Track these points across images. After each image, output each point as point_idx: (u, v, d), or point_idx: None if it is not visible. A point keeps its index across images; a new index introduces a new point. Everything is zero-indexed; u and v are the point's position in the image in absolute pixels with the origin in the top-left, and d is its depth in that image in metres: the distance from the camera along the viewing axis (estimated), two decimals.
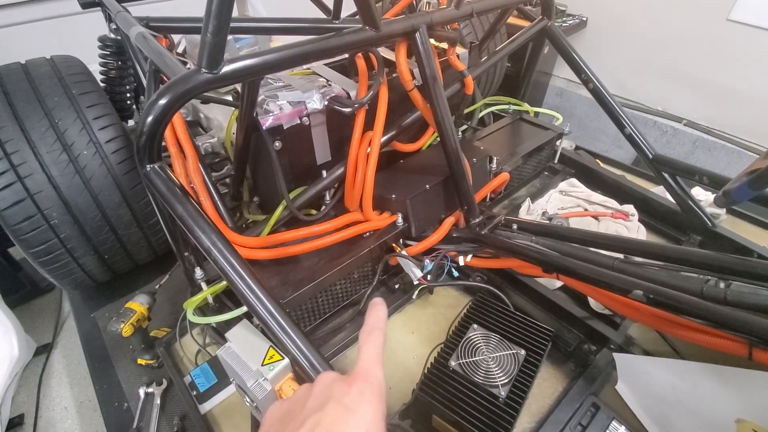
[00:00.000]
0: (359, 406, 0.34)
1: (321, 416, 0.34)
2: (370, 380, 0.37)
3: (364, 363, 0.39)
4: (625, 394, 0.96)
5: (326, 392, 0.36)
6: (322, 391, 0.37)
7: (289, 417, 0.36)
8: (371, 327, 0.44)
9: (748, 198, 0.82)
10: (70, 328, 1.63)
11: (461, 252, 1.18)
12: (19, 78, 1.07)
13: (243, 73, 0.78)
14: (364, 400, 0.35)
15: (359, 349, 0.42)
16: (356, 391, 0.36)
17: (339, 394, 0.35)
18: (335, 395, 0.35)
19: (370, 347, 0.41)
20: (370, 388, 0.36)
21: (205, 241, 0.75)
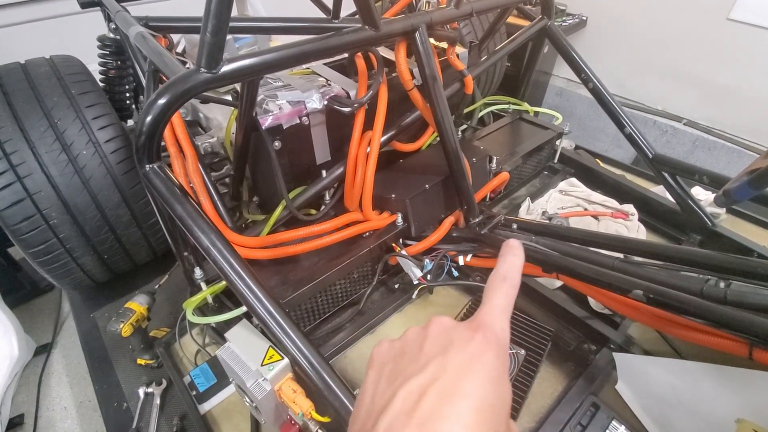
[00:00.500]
0: (484, 355, 0.30)
1: (445, 361, 0.30)
2: (495, 330, 0.32)
3: (490, 310, 0.34)
4: (625, 393, 0.96)
5: (446, 336, 0.32)
6: (441, 334, 0.32)
7: (406, 359, 0.32)
8: (504, 274, 0.37)
9: (748, 197, 0.82)
10: (70, 328, 1.63)
11: (461, 252, 1.18)
12: (18, 78, 1.07)
13: (242, 73, 0.78)
14: (489, 349, 0.30)
15: (485, 295, 0.35)
16: (481, 339, 0.31)
17: (461, 340, 0.31)
18: (456, 341, 0.31)
19: (501, 296, 0.35)
20: (496, 338, 0.31)
21: (204, 241, 0.74)
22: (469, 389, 0.28)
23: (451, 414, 0.27)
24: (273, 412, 0.82)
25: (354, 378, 1.05)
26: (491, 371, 0.29)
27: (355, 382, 1.03)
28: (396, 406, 0.28)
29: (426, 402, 0.28)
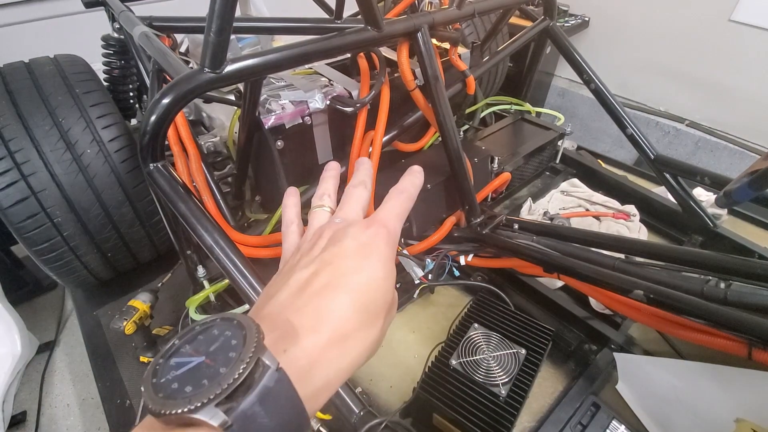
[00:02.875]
0: (375, 242, 0.33)
1: (339, 249, 0.33)
2: (388, 225, 0.36)
3: (385, 212, 0.38)
4: (626, 393, 0.96)
5: (342, 230, 0.35)
6: (338, 229, 0.36)
7: (302, 252, 0.35)
8: (403, 188, 0.42)
9: (748, 198, 0.82)
10: (73, 326, 1.63)
11: (462, 251, 1.19)
12: (22, 76, 1.08)
13: (245, 73, 0.78)
14: (381, 238, 0.34)
15: (384, 202, 0.40)
16: (373, 230, 0.35)
17: (356, 231, 0.34)
18: (351, 233, 0.34)
19: (396, 203, 0.40)
20: (387, 232, 0.35)
21: (207, 240, 0.75)
22: (361, 267, 0.31)
23: (342, 285, 0.30)
24: None
25: (355, 376, 1.05)
26: (381, 254, 0.33)
27: (356, 381, 1.04)
28: (287, 289, 0.31)
29: (318, 280, 0.30)
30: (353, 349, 0.29)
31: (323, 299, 0.29)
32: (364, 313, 0.30)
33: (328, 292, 0.30)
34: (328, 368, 0.27)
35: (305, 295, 0.30)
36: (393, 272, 0.34)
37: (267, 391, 0.24)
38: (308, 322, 0.28)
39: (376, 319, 0.31)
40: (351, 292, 0.30)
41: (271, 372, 0.24)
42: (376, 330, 0.31)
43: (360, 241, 0.33)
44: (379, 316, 0.32)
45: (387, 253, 0.34)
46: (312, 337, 0.27)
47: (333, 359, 0.28)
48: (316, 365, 0.27)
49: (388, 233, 0.35)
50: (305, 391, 0.26)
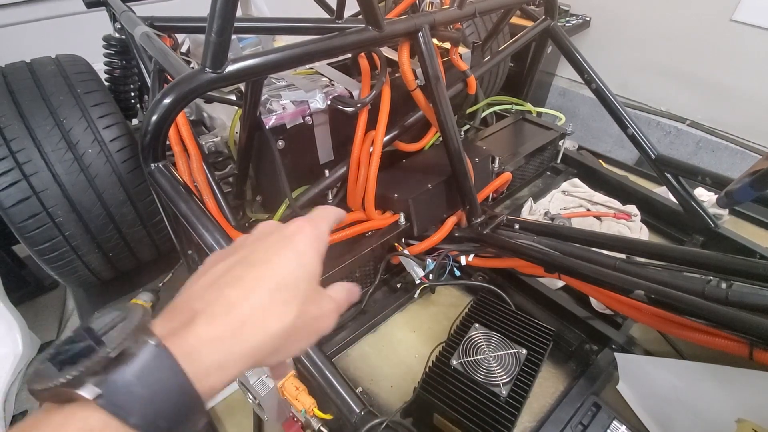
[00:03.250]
0: (297, 237, 0.35)
1: (260, 244, 0.34)
2: (314, 224, 0.37)
3: (315, 215, 0.39)
4: (627, 393, 0.96)
5: (269, 228, 0.37)
6: (265, 228, 0.37)
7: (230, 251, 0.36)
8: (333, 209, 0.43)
9: (750, 199, 0.82)
10: (74, 325, 1.64)
11: (463, 251, 1.19)
12: (24, 77, 1.08)
13: (246, 73, 0.78)
14: (304, 235, 0.35)
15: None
16: (297, 227, 0.36)
17: (281, 229, 0.36)
18: (276, 230, 0.36)
19: (327, 211, 0.41)
20: (311, 227, 0.36)
21: (208, 239, 0.75)
22: (272, 259, 0.33)
23: (249, 276, 0.31)
24: (275, 409, 0.83)
25: (356, 376, 1.05)
26: (297, 248, 0.34)
27: (357, 380, 1.04)
28: (202, 281, 0.32)
29: (231, 273, 0.32)
30: (252, 336, 0.30)
31: (227, 288, 0.31)
32: (267, 303, 0.31)
33: (234, 282, 0.31)
34: (219, 351, 0.28)
35: (215, 286, 0.31)
36: (311, 267, 0.34)
37: (144, 365, 0.25)
38: (207, 308, 0.30)
39: (284, 310, 0.32)
40: (255, 281, 0.31)
41: (151, 348, 0.26)
42: (282, 321, 0.31)
43: (282, 234, 0.35)
44: (288, 307, 0.32)
45: (304, 248, 0.34)
46: (206, 320, 0.29)
47: (226, 343, 0.29)
48: (206, 346, 0.28)
49: (311, 230, 0.36)
50: (193, 368, 0.27)
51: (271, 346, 0.31)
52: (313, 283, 0.35)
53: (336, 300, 0.38)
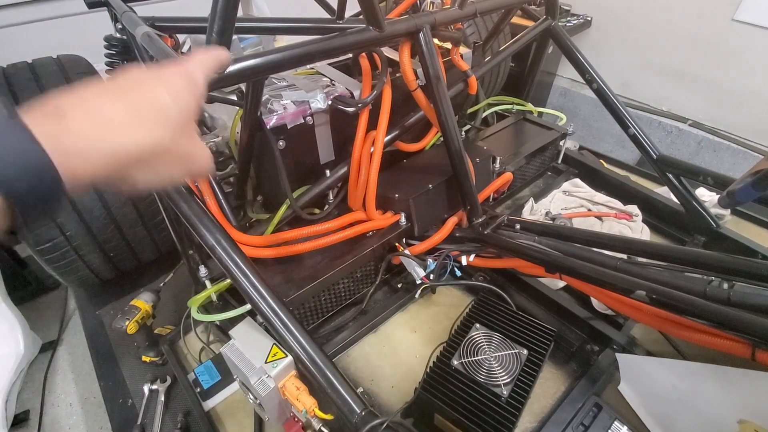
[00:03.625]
0: (171, 78, 0.37)
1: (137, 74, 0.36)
2: (188, 70, 0.39)
3: (188, 61, 0.40)
4: (628, 394, 0.96)
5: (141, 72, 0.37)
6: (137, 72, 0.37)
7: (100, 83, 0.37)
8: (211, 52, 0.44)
9: (752, 199, 0.82)
10: (76, 325, 1.64)
11: (464, 251, 1.18)
12: (26, 77, 1.08)
13: (247, 73, 0.78)
14: (178, 77, 0.37)
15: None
16: (171, 71, 0.38)
17: (153, 70, 0.37)
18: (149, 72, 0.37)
19: (203, 57, 0.42)
20: (187, 70, 0.39)
21: (209, 239, 0.75)
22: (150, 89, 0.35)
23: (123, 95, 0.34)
24: (276, 410, 0.83)
25: (356, 376, 1.05)
26: (174, 86, 0.36)
27: (357, 381, 1.04)
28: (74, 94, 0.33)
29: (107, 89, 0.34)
30: (118, 138, 0.32)
31: (97, 97, 0.33)
32: (137, 115, 0.34)
33: (105, 93, 0.34)
34: (81, 139, 0.31)
35: (85, 96, 0.33)
36: (184, 105, 0.37)
37: None
38: (74, 104, 0.32)
39: (154, 127, 0.35)
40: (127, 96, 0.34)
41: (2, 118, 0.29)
42: (152, 136, 0.34)
43: (156, 74, 0.37)
44: (159, 126, 0.35)
45: (178, 87, 0.37)
46: (71, 112, 0.31)
47: (90, 136, 0.31)
48: (68, 134, 0.30)
49: (187, 72, 0.39)
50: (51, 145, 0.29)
51: (137, 156, 0.34)
52: (187, 120, 0.38)
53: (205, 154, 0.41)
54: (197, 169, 0.40)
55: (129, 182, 0.35)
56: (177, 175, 0.39)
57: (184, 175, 0.40)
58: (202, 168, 0.41)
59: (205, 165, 0.41)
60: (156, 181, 0.37)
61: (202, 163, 0.41)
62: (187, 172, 0.40)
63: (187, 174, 0.40)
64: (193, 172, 0.40)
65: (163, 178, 0.37)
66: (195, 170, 0.40)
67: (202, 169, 0.41)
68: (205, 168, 0.41)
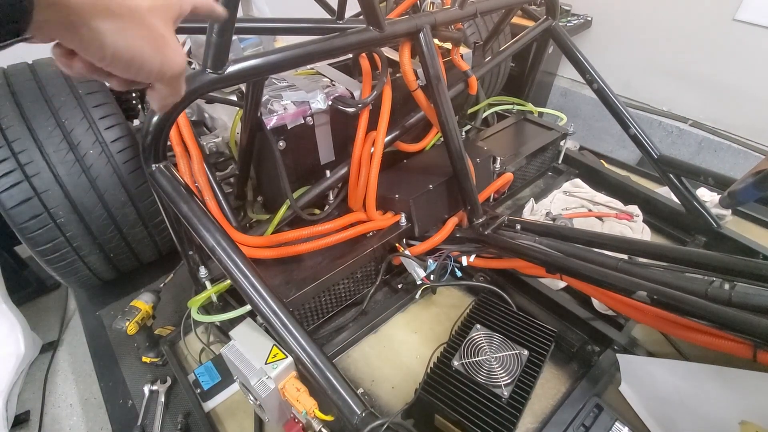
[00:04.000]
0: None
1: None
2: None
3: None
4: (629, 395, 0.96)
5: None
6: None
7: None
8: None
9: (753, 199, 0.82)
10: (76, 326, 1.64)
11: (464, 252, 1.18)
12: (26, 78, 1.08)
13: (247, 74, 0.78)
14: None
15: None
16: None
17: None
18: None
19: None
20: None
21: (209, 240, 0.75)
22: None
23: None
24: (277, 410, 0.83)
25: (357, 377, 1.05)
26: None
27: (358, 382, 1.04)
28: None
29: None
30: None
31: None
32: None
33: None
34: None
35: None
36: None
37: None
38: None
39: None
40: None
41: None
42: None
43: None
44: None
45: None
46: None
47: None
48: None
49: None
50: None
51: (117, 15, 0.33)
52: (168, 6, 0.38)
53: None
54: (169, 63, 0.38)
55: (96, 36, 0.33)
56: (148, 55, 0.36)
57: (156, 62, 0.37)
58: (174, 63, 0.39)
59: (178, 61, 0.39)
60: (123, 48, 0.35)
61: (177, 60, 0.39)
62: (159, 59, 0.37)
63: (159, 62, 0.38)
64: (164, 63, 0.38)
65: (131, 49, 0.35)
66: (167, 63, 0.38)
67: (175, 65, 0.39)
68: (178, 65, 0.39)
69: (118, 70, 0.37)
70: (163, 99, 0.42)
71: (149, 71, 0.38)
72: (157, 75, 0.38)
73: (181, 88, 0.42)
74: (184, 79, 0.42)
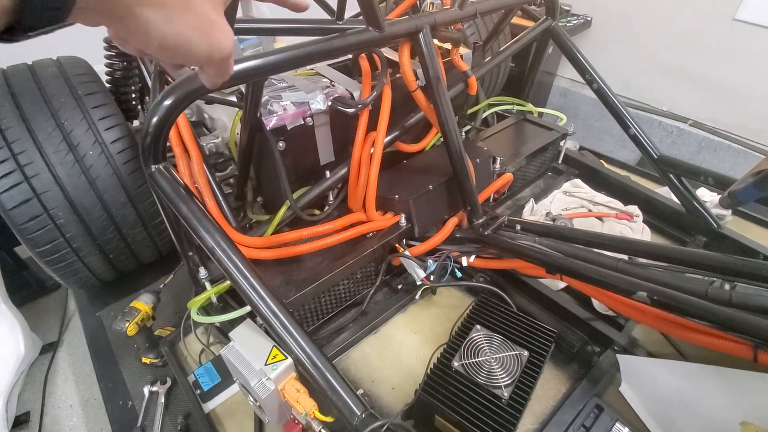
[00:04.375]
0: None
1: None
2: None
3: None
4: (629, 395, 0.96)
5: None
6: None
7: None
8: None
9: (753, 199, 0.82)
10: (76, 327, 1.64)
11: (464, 252, 1.18)
12: (25, 78, 1.08)
13: (247, 74, 0.78)
14: None
15: None
16: None
17: None
18: None
19: None
20: None
21: (209, 241, 0.75)
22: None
23: None
24: (276, 412, 0.83)
25: (357, 378, 1.05)
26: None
27: (358, 382, 1.04)
28: None
29: None
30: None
31: None
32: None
33: None
34: None
35: None
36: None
37: None
38: None
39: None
40: None
41: None
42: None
43: None
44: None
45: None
46: None
47: None
48: None
49: None
50: None
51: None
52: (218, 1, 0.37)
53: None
54: (218, 46, 0.37)
55: (141, 25, 0.32)
56: (195, 42, 0.35)
57: (204, 48, 0.36)
58: (223, 47, 0.37)
59: (226, 45, 0.37)
60: (170, 36, 0.33)
61: (225, 43, 0.37)
62: (207, 44, 0.36)
63: (207, 47, 0.36)
64: (212, 47, 0.36)
65: (178, 36, 0.34)
66: (215, 46, 0.37)
67: (224, 48, 0.37)
68: (227, 48, 0.37)
69: (165, 57, 0.35)
70: (211, 79, 0.41)
71: (198, 57, 0.36)
72: (205, 59, 0.37)
73: (229, 69, 0.41)
74: (233, 60, 0.41)
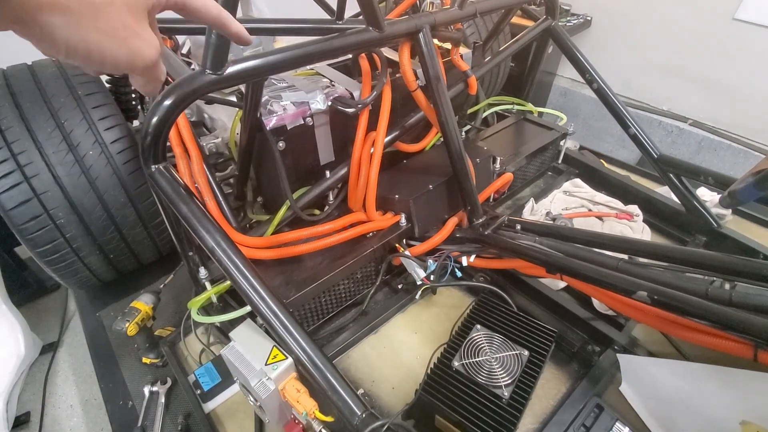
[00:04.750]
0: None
1: None
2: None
3: None
4: (629, 395, 0.96)
5: None
6: None
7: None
8: None
9: (753, 198, 0.81)
10: (76, 327, 1.64)
11: (464, 252, 1.18)
12: (25, 79, 1.08)
13: (247, 74, 0.78)
14: None
15: None
16: None
17: None
18: None
19: None
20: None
21: (209, 241, 0.75)
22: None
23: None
24: (277, 412, 0.83)
25: (357, 378, 1.05)
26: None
27: (358, 382, 1.04)
28: None
29: None
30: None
31: None
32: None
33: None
34: None
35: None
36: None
37: None
38: None
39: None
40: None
41: None
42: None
43: None
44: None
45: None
46: None
47: None
48: None
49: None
50: None
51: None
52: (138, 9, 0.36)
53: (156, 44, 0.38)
54: (139, 54, 0.36)
55: (46, 30, 0.31)
56: (107, 48, 0.35)
57: (120, 55, 0.36)
58: (144, 55, 0.37)
59: (148, 53, 0.37)
60: (78, 41, 0.33)
61: (146, 51, 0.37)
62: (124, 51, 0.36)
63: (125, 54, 0.36)
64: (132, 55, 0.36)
65: (86, 42, 0.33)
66: (135, 54, 0.36)
67: (145, 57, 0.37)
68: (148, 56, 0.37)
69: (79, 63, 0.35)
70: (142, 87, 0.42)
71: (114, 63, 0.36)
72: (125, 66, 0.37)
73: (158, 76, 0.41)
74: (161, 66, 0.41)
